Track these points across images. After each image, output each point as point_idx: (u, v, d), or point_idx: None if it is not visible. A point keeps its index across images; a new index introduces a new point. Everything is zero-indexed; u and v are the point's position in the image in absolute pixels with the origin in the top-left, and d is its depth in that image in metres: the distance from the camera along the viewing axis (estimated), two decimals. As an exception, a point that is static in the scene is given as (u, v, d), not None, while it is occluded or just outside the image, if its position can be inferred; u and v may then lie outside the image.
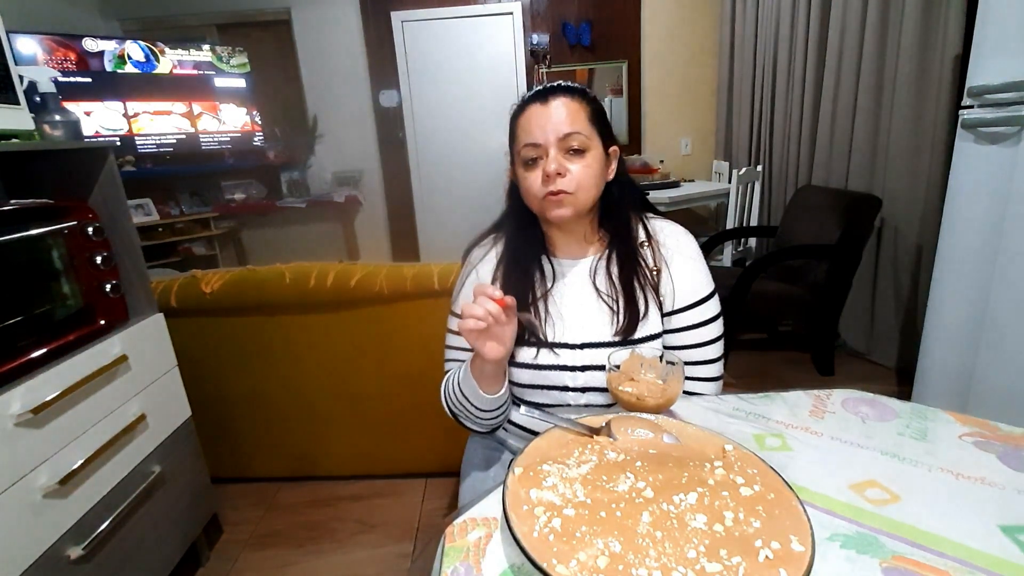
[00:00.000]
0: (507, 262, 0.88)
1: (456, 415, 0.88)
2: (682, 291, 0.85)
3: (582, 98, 0.80)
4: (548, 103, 0.78)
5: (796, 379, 2.29)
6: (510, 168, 0.88)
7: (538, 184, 0.79)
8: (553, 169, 0.77)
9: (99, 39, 3.00)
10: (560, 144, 0.78)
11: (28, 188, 1.23)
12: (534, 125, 0.78)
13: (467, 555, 0.53)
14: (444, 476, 1.76)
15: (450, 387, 0.86)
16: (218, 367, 1.67)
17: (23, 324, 1.01)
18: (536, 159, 0.79)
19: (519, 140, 0.81)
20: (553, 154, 0.78)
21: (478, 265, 0.91)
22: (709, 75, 3.59)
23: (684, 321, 0.85)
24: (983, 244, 1.40)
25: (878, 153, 2.30)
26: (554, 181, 0.77)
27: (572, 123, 0.78)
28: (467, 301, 0.74)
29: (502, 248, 0.90)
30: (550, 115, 0.78)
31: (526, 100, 0.81)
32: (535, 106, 0.79)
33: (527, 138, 0.79)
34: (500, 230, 0.93)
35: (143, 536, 1.22)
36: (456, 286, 0.94)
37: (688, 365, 0.83)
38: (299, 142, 3.78)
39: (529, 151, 0.79)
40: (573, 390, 0.85)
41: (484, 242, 0.94)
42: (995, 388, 1.41)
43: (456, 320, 0.89)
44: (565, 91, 0.80)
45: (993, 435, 0.68)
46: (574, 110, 0.79)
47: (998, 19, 1.33)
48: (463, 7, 3.55)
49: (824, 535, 0.52)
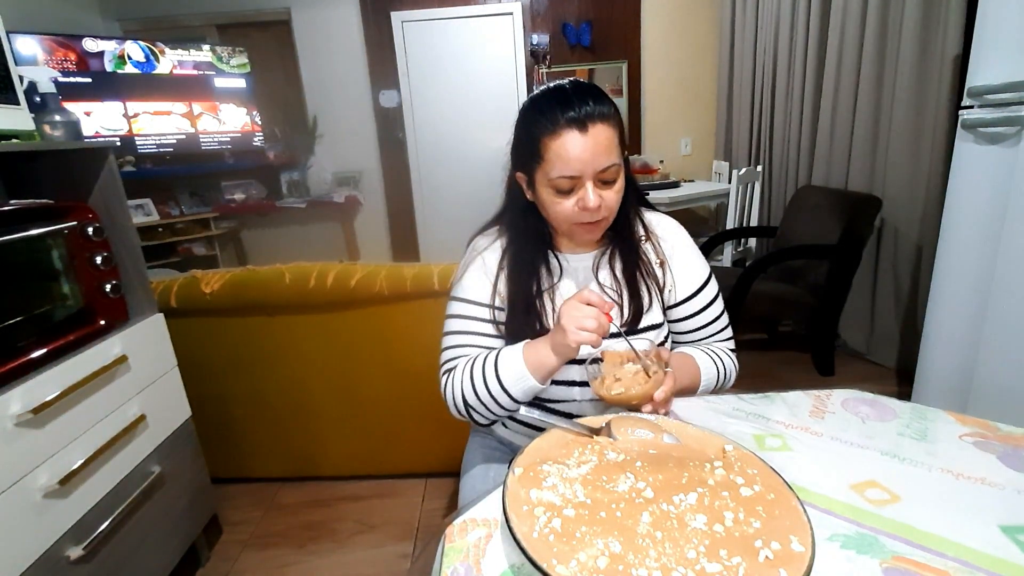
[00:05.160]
0: (512, 256, 0.88)
1: (469, 404, 0.82)
2: (685, 280, 0.89)
3: (614, 121, 0.77)
4: (587, 132, 0.74)
5: (796, 379, 2.29)
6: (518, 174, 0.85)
7: (570, 210, 0.79)
8: (594, 204, 0.76)
9: (99, 39, 3.00)
10: (597, 176, 0.77)
11: (28, 188, 1.23)
12: (572, 157, 0.75)
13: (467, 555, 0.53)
14: (444, 476, 1.76)
15: (474, 374, 0.81)
16: (218, 367, 1.67)
17: (23, 324, 1.01)
18: (571, 189, 0.78)
19: (550, 165, 0.77)
20: (590, 187, 0.76)
21: (484, 252, 0.91)
22: (709, 75, 3.59)
23: (693, 307, 0.89)
24: (983, 244, 1.40)
25: (878, 153, 2.30)
26: (593, 213, 0.78)
27: (609, 156, 0.76)
28: (572, 305, 0.73)
29: (507, 240, 0.90)
30: (588, 147, 0.74)
31: (561, 122, 0.75)
32: (572, 133, 0.74)
33: (565, 169, 0.75)
34: (501, 221, 0.93)
35: (143, 536, 1.22)
36: (458, 271, 0.93)
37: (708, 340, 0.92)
38: (299, 142, 3.78)
39: (564, 182, 0.77)
40: (580, 384, 0.86)
41: (489, 232, 0.94)
42: (995, 388, 1.41)
43: (460, 305, 0.88)
44: (600, 117, 0.75)
45: (993, 435, 0.68)
46: (609, 138, 0.76)
47: (998, 19, 1.33)
48: (463, 7, 3.55)
49: (824, 535, 0.52)
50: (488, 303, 0.88)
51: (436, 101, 3.73)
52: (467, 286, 0.89)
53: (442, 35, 3.61)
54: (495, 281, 0.88)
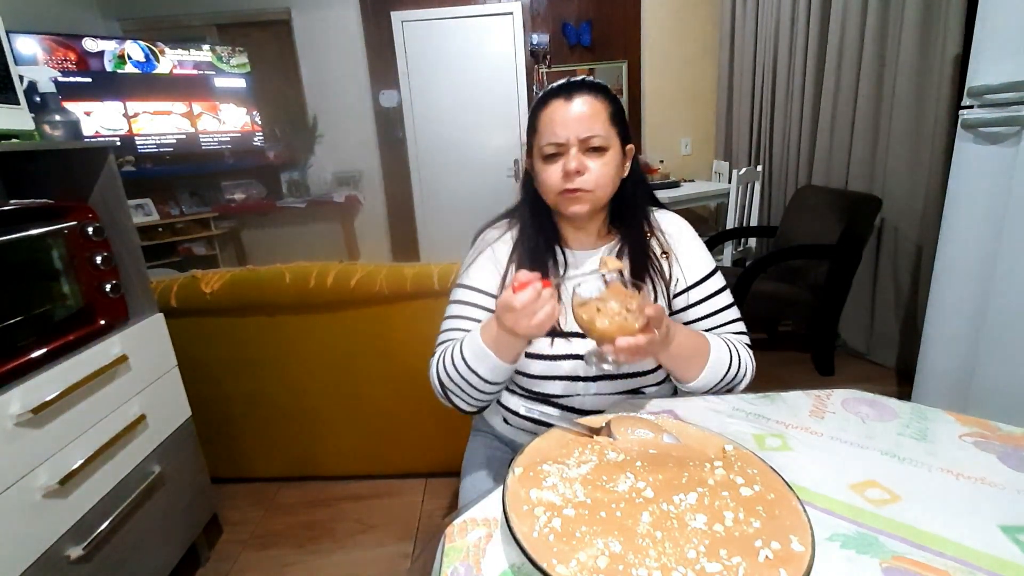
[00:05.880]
0: (522, 250, 0.89)
1: (446, 387, 0.81)
2: (690, 268, 0.89)
3: (604, 96, 0.81)
4: (571, 100, 0.78)
5: (796, 379, 2.29)
6: (526, 159, 0.88)
7: (556, 178, 0.80)
8: (573, 167, 0.78)
9: (99, 39, 3.00)
10: (581, 143, 0.78)
11: (28, 188, 1.23)
12: (557, 123, 0.78)
13: (467, 555, 0.53)
14: (444, 476, 1.76)
15: (447, 359, 0.80)
16: (218, 367, 1.66)
17: (23, 324, 1.01)
18: (556, 155, 0.80)
19: (540, 135, 0.81)
20: (574, 152, 0.78)
21: (494, 244, 0.91)
22: (709, 75, 3.59)
23: (700, 294, 0.89)
24: (983, 244, 1.40)
25: (878, 153, 2.30)
26: (573, 179, 0.79)
27: (593, 123, 0.78)
28: (505, 307, 0.68)
29: (517, 233, 0.91)
30: (573, 113, 0.78)
31: (549, 94, 0.81)
32: (558, 102, 0.79)
33: (549, 136, 0.79)
34: (514, 215, 0.93)
35: (143, 536, 1.22)
36: (466, 260, 0.93)
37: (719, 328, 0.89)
38: (299, 142, 3.79)
39: (550, 148, 0.80)
40: (584, 379, 0.86)
41: (499, 223, 0.94)
42: (995, 388, 1.41)
43: (465, 291, 0.88)
44: (588, 88, 0.80)
45: (993, 435, 0.68)
46: (596, 109, 0.79)
47: (998, 19, 1.33)
48: (463, 7, 3.55)
49: (824, 535, 0.52)
50: (494, 293, 0.88)
51: (436, 101, 3.73)
52: (474, 275, 0.89)
53: (442, 35, 3.61)
54: (504, 273, 0.88)
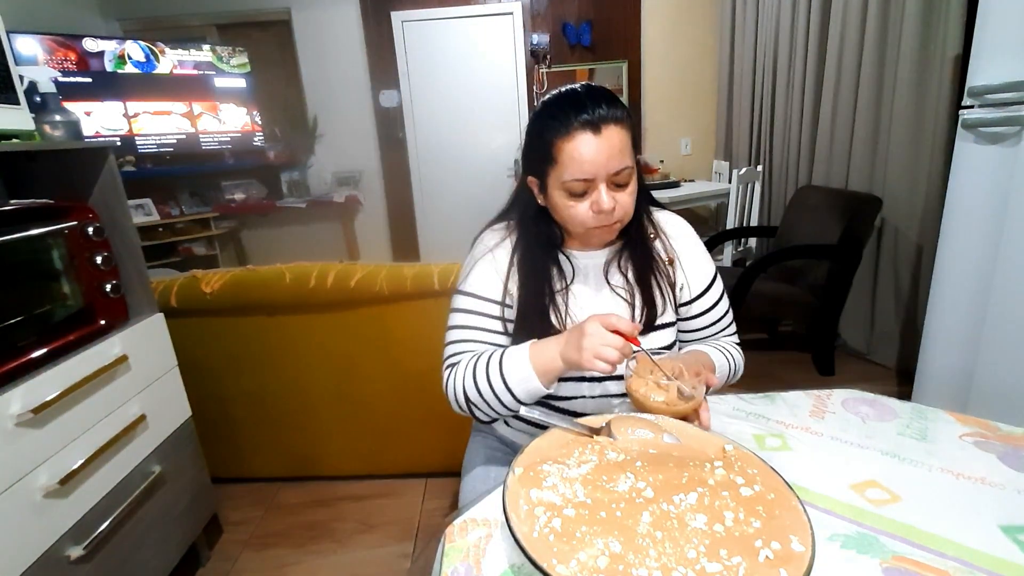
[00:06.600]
0: (523, 255, 0.88)
1: (471, 401, 0.81)
2: (695, 278, 0.90)
3: (627, 124, 0.77)
4: (600, 134, 0.74)
5: (796, 379, 2.29)
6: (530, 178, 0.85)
7: (584, 214, 0.79)
8: (609, 207, 0.76)
9: (99, 39, 3.00)
10: (610, 178, 0.77)
11: (28, 188, 1.23)
12: (586, 159, 0.74)
13: (467, 555, 0.53)
14: (444, 476, 1.76)
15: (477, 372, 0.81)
16: (218, 367, 1.66)
17: (23, 324, 1.01)
18: (584, 192, 0.78)
19: (563, 167, 0.77)
20: (604, 188, 0.77)
21: (495, 249, 0.90)
22: (709, 75, 3.60)
23: (704, 305, 0.90)
24: (983, 244, 1.40)
25: (878, 153, 2.30)
26: (608, 215, 0.78)
27: (623, 158, 0.76)
28: (596, 329, 0.70)
29: (516, 238, 0.90)
30: (603, 150, 0.74)
31: (572, 124, 0.75)
32: (585, 136, 0.74)
33: (576, 172, 0.75)
34: (509, 218, 0.92)
35: (143, 536, 1.22)
36: (466, 265, 0.92)
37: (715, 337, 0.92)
38: (299, 142, 3.78)
39: (577, 185, 0.77)
40: (590, 380, 0.86)
41: (497, 227, 0.93)
42: (995, 388, 1.41)
43: (468, 299, 0.87)
44: (614, 119, 0.75)
45: (993, 435, 0.68)
46: (622, 140, 0.76)
47: (998, 19, 1.33)
48: (463, 7, 3.55)
49: (824, 535, 0.52)
50: (498, 300, 0.87)
51: (436, 101, 3.73)
52: (476, 281, 0.88)
53: (442, 35, 3.61)
54: (506, 279, 0.88)
